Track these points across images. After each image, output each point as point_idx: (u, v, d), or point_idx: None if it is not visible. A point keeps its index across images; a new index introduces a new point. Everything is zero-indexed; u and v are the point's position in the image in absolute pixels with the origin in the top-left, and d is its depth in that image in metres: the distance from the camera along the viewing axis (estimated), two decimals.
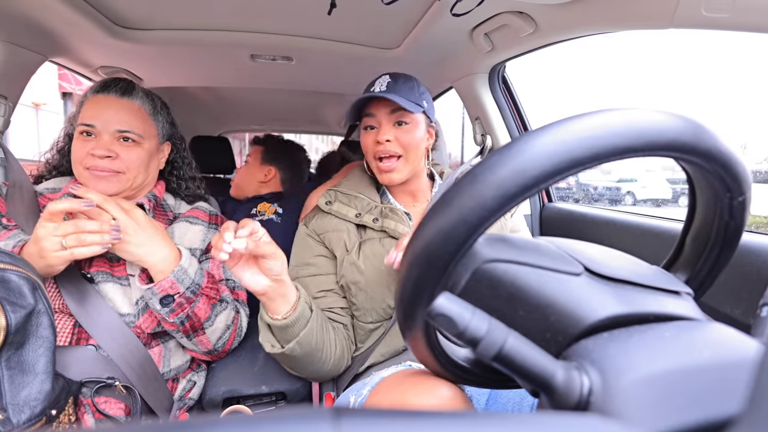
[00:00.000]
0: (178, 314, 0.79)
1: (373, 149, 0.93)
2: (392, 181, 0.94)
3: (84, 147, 0.86)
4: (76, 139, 0.88)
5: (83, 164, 0.87)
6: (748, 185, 0.37)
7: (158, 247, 0.80)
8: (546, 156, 0.31)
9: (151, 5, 1.06)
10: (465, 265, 0.38)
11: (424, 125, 0.96)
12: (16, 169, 0.89)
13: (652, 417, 0.25)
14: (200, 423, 0.17)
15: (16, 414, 0.61)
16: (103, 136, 0.87)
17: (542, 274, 0.36)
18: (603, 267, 0.37)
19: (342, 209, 0.96)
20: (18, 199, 0.84)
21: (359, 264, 0.90)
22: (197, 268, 0.84)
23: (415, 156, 0.94)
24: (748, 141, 15.17)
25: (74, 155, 0.88)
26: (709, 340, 0.30)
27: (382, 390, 0.64)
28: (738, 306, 0.76)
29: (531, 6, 0.93)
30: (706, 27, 0.70)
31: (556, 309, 0.35)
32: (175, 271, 0.79)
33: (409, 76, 0.95)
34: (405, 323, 0.41)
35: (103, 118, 0.87)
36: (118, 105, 0.89)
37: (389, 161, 0.92)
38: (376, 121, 0.93)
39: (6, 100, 1.07)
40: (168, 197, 1.01)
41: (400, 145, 0.92)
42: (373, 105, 0.93)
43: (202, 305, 0.83)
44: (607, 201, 8.06)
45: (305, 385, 0.94)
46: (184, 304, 0.79)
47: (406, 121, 0.92)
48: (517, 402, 0.74)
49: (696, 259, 0.42)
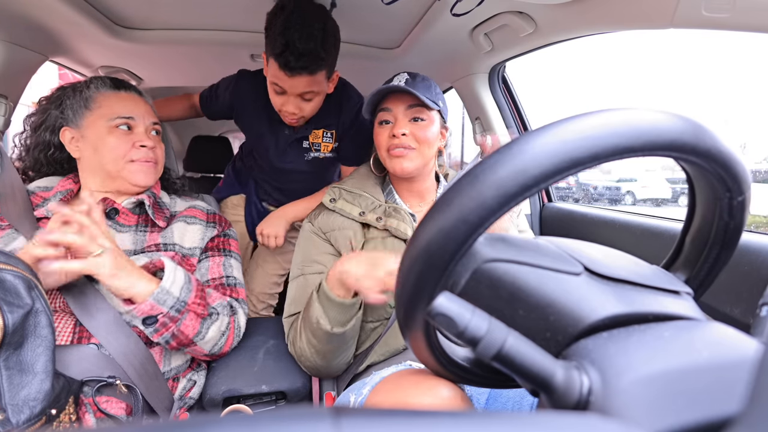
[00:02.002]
0: (163, 334, 0.78)
1: (387, 143, 0.93)
2: (403, 169, 0.92)
3: (126, 142, 0.88)
4: (108, 137, 0.87)
5: (128, 158, 0.88)
6: (747, 185, 0.37)
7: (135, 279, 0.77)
8: (546, 156, 0.31)
9: (151, 5, 1.06)
10: (465, 265, 0.38)
11: (438, 124, 0.96)
12: (9, 169, 0.88)
13: (651, 417, 0.25)
14: (200, 422, 0.17)
15: (15, 414, 0.61)
16: (139, 128, 0.90)
17: (542, 274, 0.36)
18: (603, 267, 0.37)
19: (346, 207, 0.96)
20: (11, 199, 0.84)
21: None
22: (183, 284, 0.81)
23: (428, 152, 0.94)
24: (747, 141, 15.18)
25: (115, 151, 0.87)
26: (708, 340, 0.30)
27: (383, 389, 0.64)
28: (738, 306, 0.76)
29: (531, 6, 0.93)
30: (706, 27, 0.70)
31: (556, 309, 0.35)
32: (155, 293, 0.76)
33: (425, 76, 0.95)
34: (405, 323, 0.41)
35: (139, 111, 0.91)
36: (141, 101, 0.94)
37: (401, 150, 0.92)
38: (392, 116, 0.93)
39: (6, 100, 1.07)
40: (163, 195, 1.01)
41: (415, 139, 0.92)
42: (391, 100, 0.93)
43: (189, 322, 0.80)
44: (606, 201, 8.07)
45: (305, 384, 0.94)
46: (169, 323, 0.78)
47: (422, 117, 0.92)
48: (517, 401, 0.74)
49: (696, 259, 0.42)
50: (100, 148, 0.87)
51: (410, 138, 0.91)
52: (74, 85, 0.93)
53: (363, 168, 1.06)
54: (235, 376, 0.91)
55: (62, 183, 0.92)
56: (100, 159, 0.88)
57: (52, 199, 0.88)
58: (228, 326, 0.89)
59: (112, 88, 0.92)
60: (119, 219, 0.90)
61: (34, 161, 0.95)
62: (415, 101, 0.90)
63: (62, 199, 0.88)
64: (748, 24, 0.66)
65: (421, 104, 0.90)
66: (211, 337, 0.85)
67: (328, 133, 1.28)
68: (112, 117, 0.88)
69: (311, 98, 1.08)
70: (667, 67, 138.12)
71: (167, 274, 0.79)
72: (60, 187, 0.91)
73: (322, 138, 1.28)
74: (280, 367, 0.94)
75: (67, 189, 0.90)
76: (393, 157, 0.93)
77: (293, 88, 1.03)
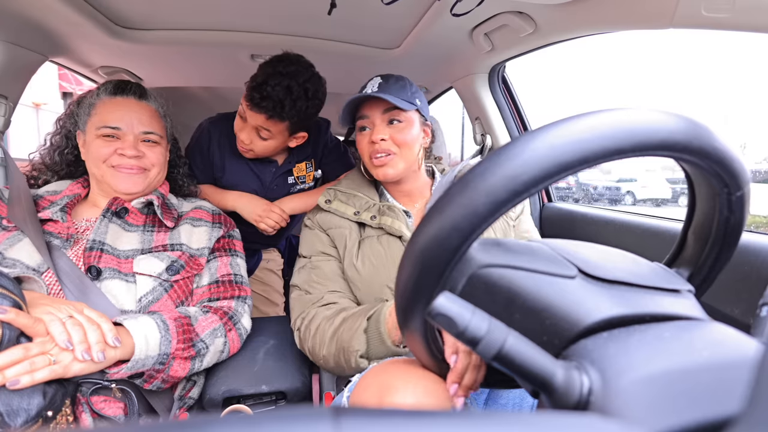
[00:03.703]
0: (153, 383, 0.78)
1: (369, 149, 0.94)
2: (386, 175, 0.93)
3: (108, 147, 0.89)
4: (95, 140, 0.89)
5: (109, 163, 0.89)
6: (745, 180, 0.36)
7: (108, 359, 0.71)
8: (535, 161, 0.31)
9: (151, 5, 1.06)
10: (461, 271, 0.38)
11: (418, 124, 0.96)
12: (15, 172, 0.90)
13: (651, 417, 0.25)
14: (200, 422, 0.17)
15: (12, 419, 0.61)
16: (128, 137, 0.90)
17: (537, 278, 0.36)
18: (598, 269, 0.37)
19: (341, 207, 0.97)
20: (17, 203, 0.85)
21: (357, 265, 0.91)
22: (160, 339, 0.76)
23: (410, 154, 0.94)
24: (747, 140, 15.16)
25: (96, 154, 0.89)
26: (708, 340, 0.30)
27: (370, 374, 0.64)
28: (738, 306, 0.76)
29: (531, 6, 0.93)
30: (706, 27, 0.70)
31: (551, 313, 0.35)
32: (128, 365, 0.72)
33: (400, 76, 0.96)
34: (404, 324, 0.41)
35: (127, 120, 0.90)
36: (138, 107, 0.93)
37: (382, 157, 0.92)
38: (369, 122, 0.93)
39: (6, 100, 1.07)
40: (171, 196, 1.03)
41: (395, 143, 0.92)
42: (366, 106, 0.93)
43: (177, 366, 0.80)
44: (606, 201, 8.07)
45: (305, 384, 0.94)
46: (155, 375, 0.77)
47: (399, 119, 0.92)
48: (517, 402, 0.74)
49: (698, 254, 0.42)
50: (88, 153, 0.91)
51: (389, 142, 0.92)
52: (89, 91, 0.98)
53: (356, 170, 1.07)
54: (235, 376, 0.91)
55: (71, 187, 0.94)
56: (89, 163, 0.92)
57: (59, 202, 0.90)
58: (225, 343, 0.89)
59: (110, 94, 0.93)
60: (128, 218, 0.92)
61: (54, 162, 0.99)
62: (390, 104, 0.90)
63: (68, 203, 0.89)
64: (748, 24, 0.66)
65: (395, 107, 0.90)
66: (208, 361, 0.87)
67: (309, 164, 1.35)
68: (99, 125, 0.90)
69: (267, 138, 1.12)
70: (667, 64, 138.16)
71: (138, 343, 0.73)
72: (68, 191, 0.93)
73: (306, 169, 1.35)
74: (280, 367, 0.94)
75: (75, 193, 0.93)
76: (376, 167, 0.94)
77: (252, 118, 1.08)
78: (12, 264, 0.79)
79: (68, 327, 0.67)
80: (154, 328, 0.77)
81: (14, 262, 0.79)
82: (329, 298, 0.90)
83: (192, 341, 0.82)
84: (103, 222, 0.88)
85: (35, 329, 0.65)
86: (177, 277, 0.89)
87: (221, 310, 0.91)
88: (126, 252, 0.88)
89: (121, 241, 0.88)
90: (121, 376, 0.73)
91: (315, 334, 0.85)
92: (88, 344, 0.67)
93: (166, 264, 0.88)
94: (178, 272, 0.89)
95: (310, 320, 0.87)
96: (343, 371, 0.83)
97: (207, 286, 0.95)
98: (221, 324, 0.89)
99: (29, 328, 0.64)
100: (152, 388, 0.79)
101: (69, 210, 0.89)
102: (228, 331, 0.89)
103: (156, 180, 0.96)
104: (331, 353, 0.82)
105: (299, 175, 1.34)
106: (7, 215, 0.84)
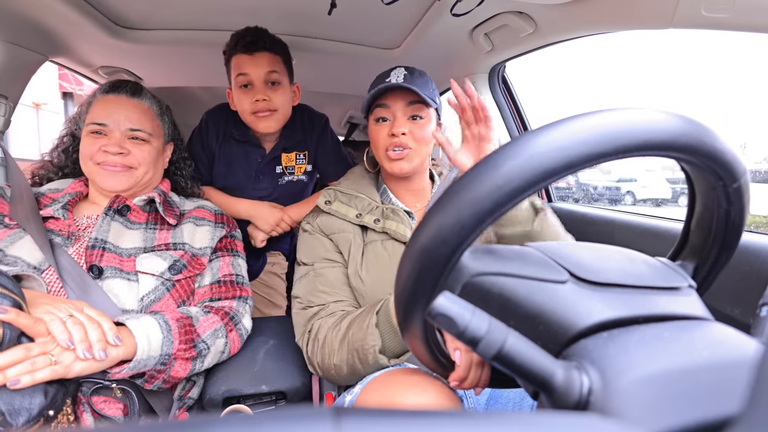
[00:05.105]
0: (154, 383, 0.78)
1: (386, 142, 0.89)
2: (402, 170, 0.90)
3: (95, 144, 0.89)
4: (85, 137, 0.91)
5: (94, 159, 0.89)
6: (740, 172, 0.36)
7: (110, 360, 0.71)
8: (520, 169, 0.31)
9: (151, 5, 1.06)
10: (455, 279, 0.38)
11: (434, 122, 0.93)
12: (15, 171, 0.90)
13: (651, 417, 0.25)
14: (200, 422, 0.17)
15: (14, 418, 0.61)
16: (114, 134, 0.90)
17: (528, 285, 0.37)
18: (590, 272, 0.37)
19: (342, 209, 0.93)
20: (19, 201, 0.85)
21: (362, 274, 0.88)
22: (162, 339, 0.76)
23: (425, 151, 0.92)
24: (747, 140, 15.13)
25: (84, 151, 0.90)
26: (708, 340, 0.30)
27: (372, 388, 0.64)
28: (738, 306, 0.76)
29: (531, 6, 0.93)
30: (706, 27, 0.70)
31: (544, 319, 0.35)
32: (130, 365, 0.72)
33: (422, 71, 0.92)
34: (404, 325, 0.41)
35: (115, 117, 0.90)
36: (128, 104, 0.93)
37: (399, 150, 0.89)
38: (390, 113, 0.89)
39: (6, 100, 1.07)
40: (173, 195, 1.03)
41: (414, 139, 0.89)
42: (388, 96, 0.89)
43: (179, 367, 0.79)
44: (606, 201, 8.06)
45: (305, 384, 0.94)
46: (156, 375, 0.77)
47: (421, 115, 0.89)
48: (517, 402, 0.74)
49: (702, 247, 0.42)
50: (80, 150, 0.92)
51: (408, 137, 0.88)
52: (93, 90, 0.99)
53: (357, 169, 1.04)
54: (235, 376, 0.91)
55: (73, 185, 0.95)
56: (80, 161, 0.93)
57: (61, 200, 0.90)
58: (226, 344, 0.89)
59: (103, 92, 0.94)
60: (130, 216, 0.92)
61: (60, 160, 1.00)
62: (415, 98, 0.87)
63: (69, 201, 0.90)
64: (748, 24, 0.66)
65: (420, 101, 0.88)
66: (209, 362, 0.87)
67: (300, 155, 1.33)
68: (89, 122, 0.91)
69: (276, 81, 1.13)
70: (667, 64, 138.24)
71: (140, 343, 0.73)
72: (70, 189, 0.94)
73: (296, 160, 1.32)
74: (280, 367, 0.94)
75: (76, 191, 0.93)
76: (392, 160, 0.90)
77: (258, 67, 1.09)
78: (13, 261, 0.79)
79: (69, 326, 0.66)
80: (157, 328, 0.77)
81: (15, 260, 0.79)
82: (334, 308, 0.86)
83: (193, 342, 0.82)
84: (106, 220, 0.88)
85: (36, 329, 0.65)
86: (179, 276, 0.89)
87: (222, 311, 0.90)
88: (128, 250, 0.88)
89: (124, 239, 0.89)
90: (123, 376, 0.73)
91: (323, 345, 0.81)
92: (89, 343, 0.67)
93: (168, 263, 0.88)
94: (181, 272, 0.89)
95: (315, 333, 0.83)
96: (360, 374, 0.78)
97: (209, 286, 0.95)
98: (222, 324, 0.88)
99: (30, 329, 0.64)
100: (153, 388, 0.79)
101: (70, 208, 0.89)
102: (229, 331, 0.89)
103: (145, 179, 0.95)
104: (343, 359, 0.78)
105: (288, 165, 1.31)
106: (9, 213, 0.84)
